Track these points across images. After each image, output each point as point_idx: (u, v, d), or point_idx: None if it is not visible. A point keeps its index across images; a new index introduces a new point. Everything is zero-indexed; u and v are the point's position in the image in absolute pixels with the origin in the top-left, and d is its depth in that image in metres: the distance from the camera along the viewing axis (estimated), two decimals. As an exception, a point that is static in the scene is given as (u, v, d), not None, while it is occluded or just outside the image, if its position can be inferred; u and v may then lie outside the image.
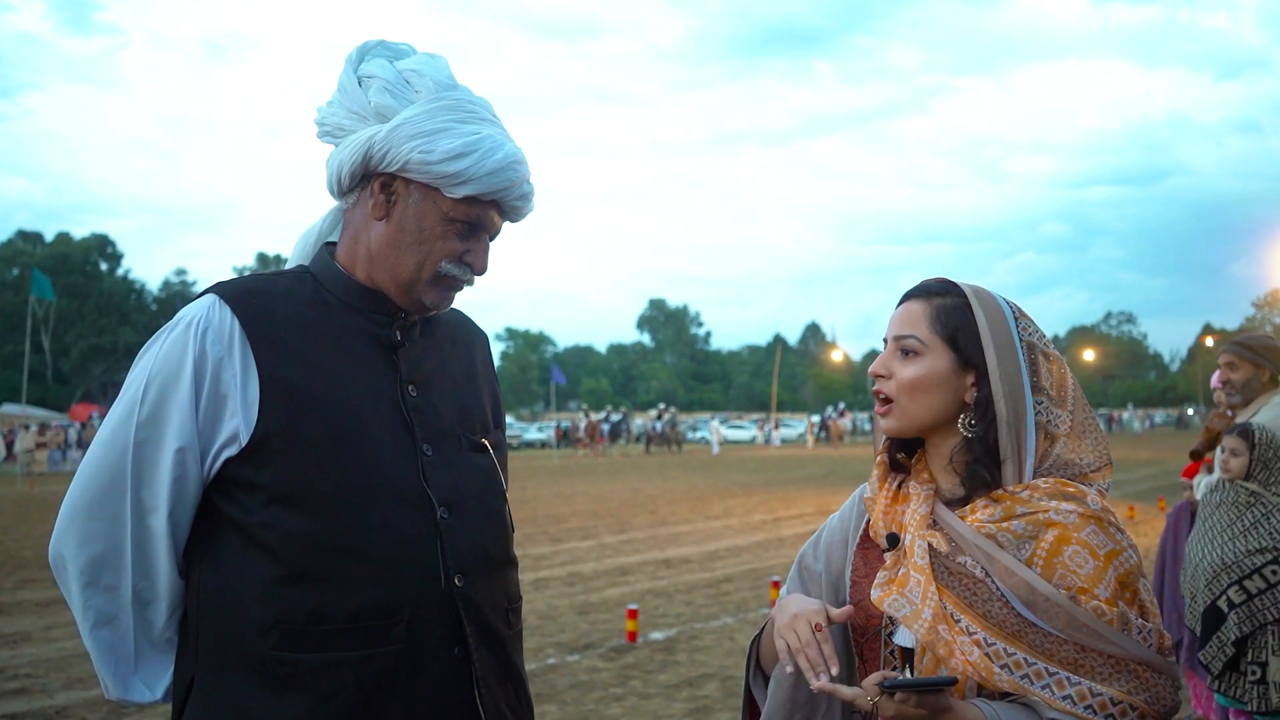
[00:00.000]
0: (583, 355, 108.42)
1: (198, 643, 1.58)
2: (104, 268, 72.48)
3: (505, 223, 1.71)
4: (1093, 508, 1.47)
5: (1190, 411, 70.53)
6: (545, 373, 71.52)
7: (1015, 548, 1.46)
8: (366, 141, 1.61)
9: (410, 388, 1.66)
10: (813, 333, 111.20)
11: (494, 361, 1.91)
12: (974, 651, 1.43)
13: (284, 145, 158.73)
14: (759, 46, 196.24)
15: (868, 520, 1.64)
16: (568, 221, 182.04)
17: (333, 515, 1.54)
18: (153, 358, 1.57)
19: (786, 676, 1.55)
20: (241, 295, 1.60)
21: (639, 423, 46.71)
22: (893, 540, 1.55)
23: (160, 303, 71.19)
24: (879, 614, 1.54)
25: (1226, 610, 3.53)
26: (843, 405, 55.70)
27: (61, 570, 1.60)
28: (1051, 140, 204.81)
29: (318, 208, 1.82)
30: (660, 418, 44.49)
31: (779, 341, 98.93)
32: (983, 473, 1.51)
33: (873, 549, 1.62)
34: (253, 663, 1.52)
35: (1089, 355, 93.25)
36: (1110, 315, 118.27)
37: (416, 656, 1.56)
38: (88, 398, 58.44)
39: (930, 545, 1.50)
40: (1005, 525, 1.46)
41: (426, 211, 1.62)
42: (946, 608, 1.46)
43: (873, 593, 1.53)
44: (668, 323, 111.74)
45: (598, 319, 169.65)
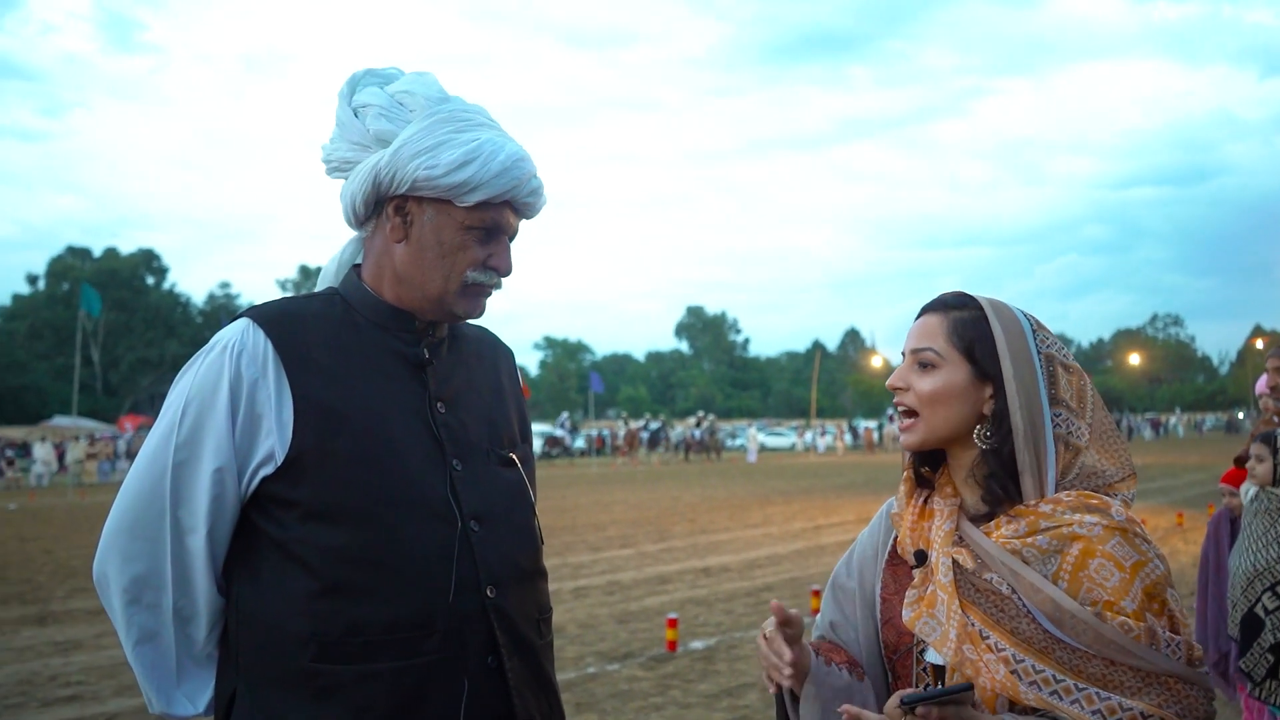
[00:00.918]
0: (621, 363, 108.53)
1: (238, 657, 1.61)
2: (150, 282, 73.90)
3: (522, 220, 1.74)
4: (1117, 519, 1.46)
5: (1240, 415, 69.08)
6: (584, 381, 71.65)
7: (1041, 563, 1.45)
8: (372, 169, 1.65)
9: (439, 404, 1.69)
10: (851, 338, 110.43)
11: (519, 378, 1.93)
12: (1000, 670, 1.43)
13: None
14: (792, 52, 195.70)
15: (895, 536, 1.64)
16: (603, 230, 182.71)
17: (367, 530, 1.57)
18: (190, 381, 1.61)
19: (813, 705, 1.56)
20: (274, 318, 1.64)
21: (678, 430, 46.59)
22: (920, 557, 1.55)
23: (205, 315, 72.41)
24: (910, 632, 1.54)
25: (1263, 616, 3.50)
26: (891, 414, 55.24)
27: (105, 589, 1.64)
28: (1092, 141, 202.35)
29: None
30: (699, 425, 44.39)
31: (818, 347, 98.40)
32: (997, 488, 1.51)
33: (901, 565, 1.62)
34: (292, 675, 1.55)
35: (1135, 359, 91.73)
36: (1156, 318, 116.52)
37: (451, 666, 1.58)
38: (136, 409, 59.55)
39: (955, 562, 1.50)
40: (1030, 541, 1.46)
41: (443, 225, 1.65)
42: (973, 624, 1.46)
43: (904, 613, 1.54)
44: (705, 330, 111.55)
45: (635, 327, 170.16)
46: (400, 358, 1.69)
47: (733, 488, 23.49)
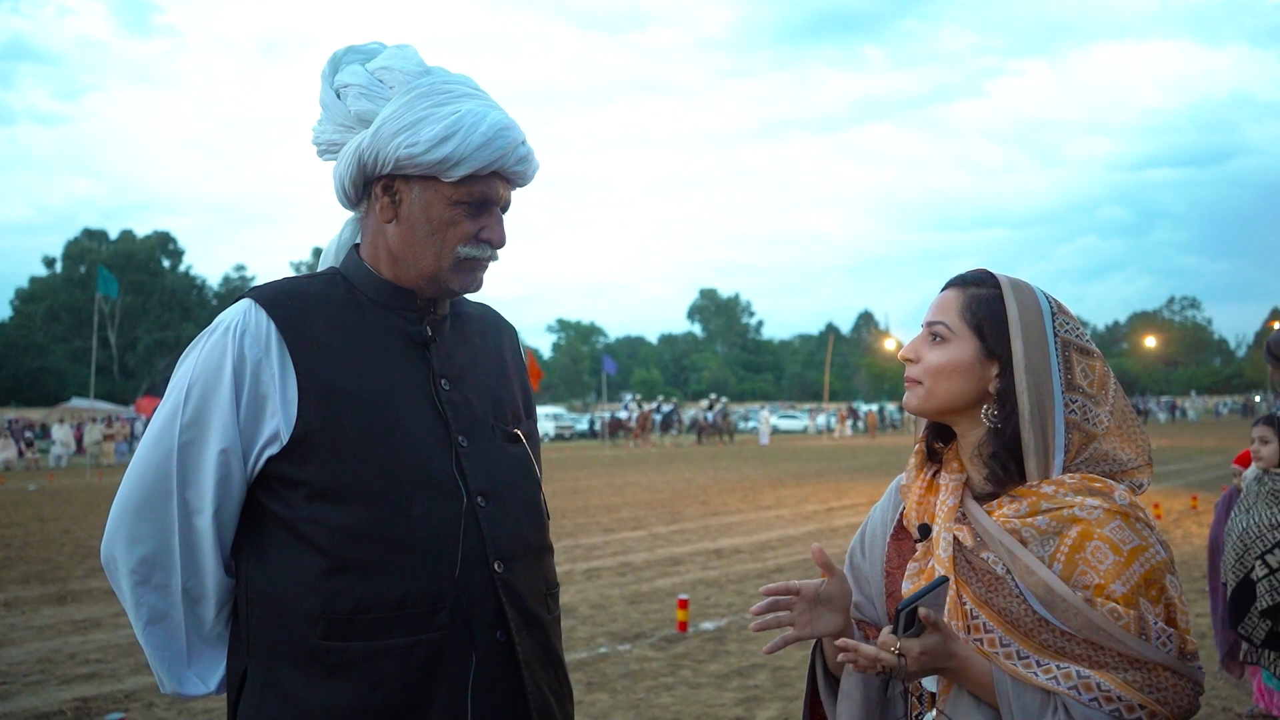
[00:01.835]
0: (634, 346, 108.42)
1: (248, 635, 1.63)
2: (166, 264, 74.20)
3: (515, 189, 1.72)
4: (1119, 503, 1.46)
5: (1258, 399, 68.55)
6: (596, 364, 71.61)
7: (1039, 544, 1.45)
8: (356, 150, 1.64)
9: (443, 381, 1.69)
10: (865, 321, 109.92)
11: (522, 354, 1.93)
12: (984, 644, 1.45)
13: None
14: (807, 33, 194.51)
15: (903, 509, 1.65)
16: (617, 212, 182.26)
17: (374, 508, 1.58)
18: (193, 363, 1.62)
19: (854, 689, 1.58)
20: (276, 299, 1.65)
21: (690, 413, 46.58)
22: (924, 531, 1.57)
23: (221, 298, 72.68)
24: None
25: (1255, 581, 3.53)
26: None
27: (113, 570, 1.66)
28: (1109, 122, 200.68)
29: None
30: (711, 408, 44.35)
31: (831, 330, 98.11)
32: (999, 468, 1.51)
33: (905, 539, 1.64)
34: (302, 653, 1.57)
35: (1151, 342, 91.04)
36: (1173, 300, 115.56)
37: (460, 642, 1.60)
38: (153, 391, 59.87)
39: (956, 539, 1.51)
40: (1030, 521, 1.46)
41: (431, 202, 1.64)
42: (964, 603, 1.47)
43: (904, 585, 1.57)
44: (719, 312, 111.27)
45: (649, 309, 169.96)
46: (403, 336, 1.69)
47: (745, 470, 23.50)
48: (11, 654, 6.60)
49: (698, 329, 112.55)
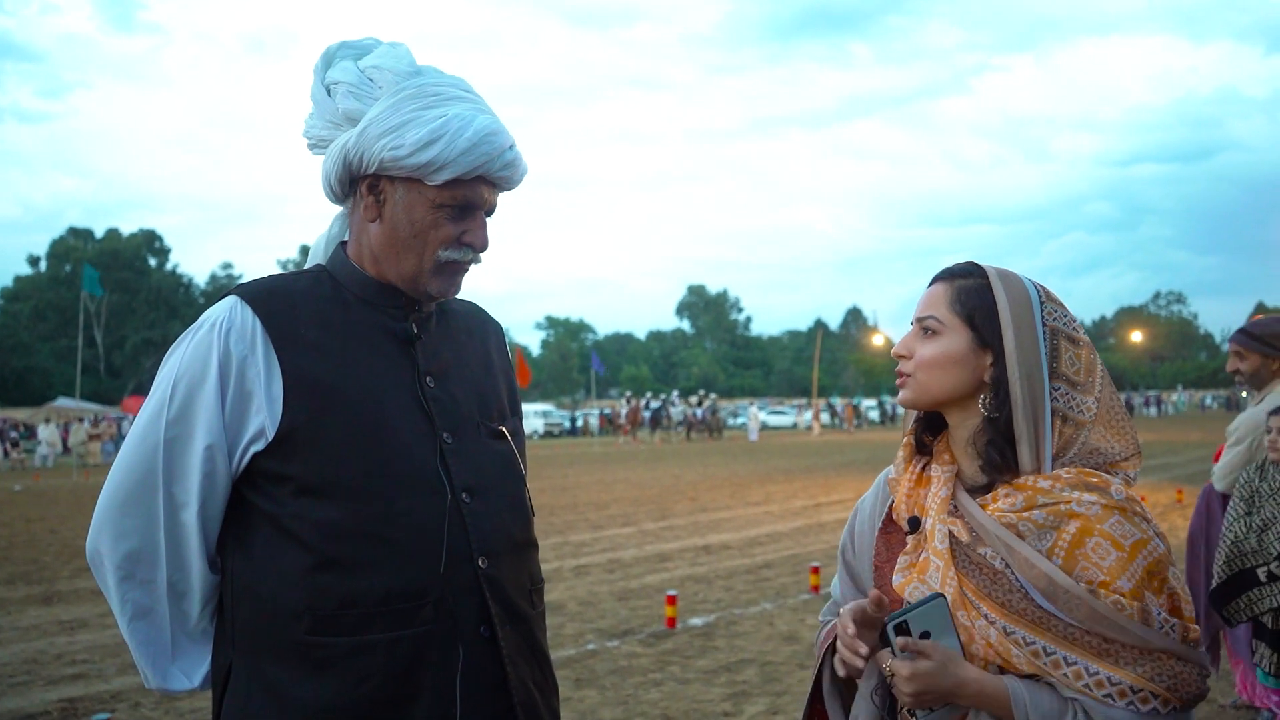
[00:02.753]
0: (623, 343, 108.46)
1: (233, 630, 1.63)
2: (153, 263, 73.92)
3: (501, 193, 1.72)
4: (1116, 498, 1.45)
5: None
6: (585, 361, 71.69)
7: (1036, 538, 1.45)
8: (341, 149, 1.64)
9: (428, 379, 1.70)
10: (854, 317, 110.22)
11: (508, 351, 1.94)
12: (992, 634, 1.44)
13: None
14: (795, 29, 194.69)
15: (891, 502, 1.65)
16: (606, 209, 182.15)
17: (359, 504, 1.58)
18: (179, 359, 1.62)
19: (869, 699, 1.58)
20: (262, 295, 1.65)
21: (678, 409, 46.61)
22: (914, 524, 1.56)
23: (208, 296, 72.40)
24: (900, 598, 1.55)
25: (1265, 580, 3.48)
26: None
27: (99, 565, 1.66)
28: (1096, 118, 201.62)
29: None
30: (701, 404, 44.38)
31: (820, 326, 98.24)
32: (995, 455, 1.51)
33: (895, 532, 1.63)
34: (287, 648, 1.57)
35: (1137, 336, 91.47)
36: (1159, 295, 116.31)
37: (445, 637, 1.60)
38: (139, 390, 59.53)
39: (951, 533, 1.51)
40: (1026, 515, 1.46)
41: (414, 204, 1.64)
42: (965, 594, 1.47)
43: (894, 578, 1.55)
44: (707, 309, 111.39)
45: (637, 306, 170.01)
46: (388, 333, 1.69)
47: (734, 466, 23.54)
48: (-3, 655, 6.57)
49: (686, 325, 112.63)
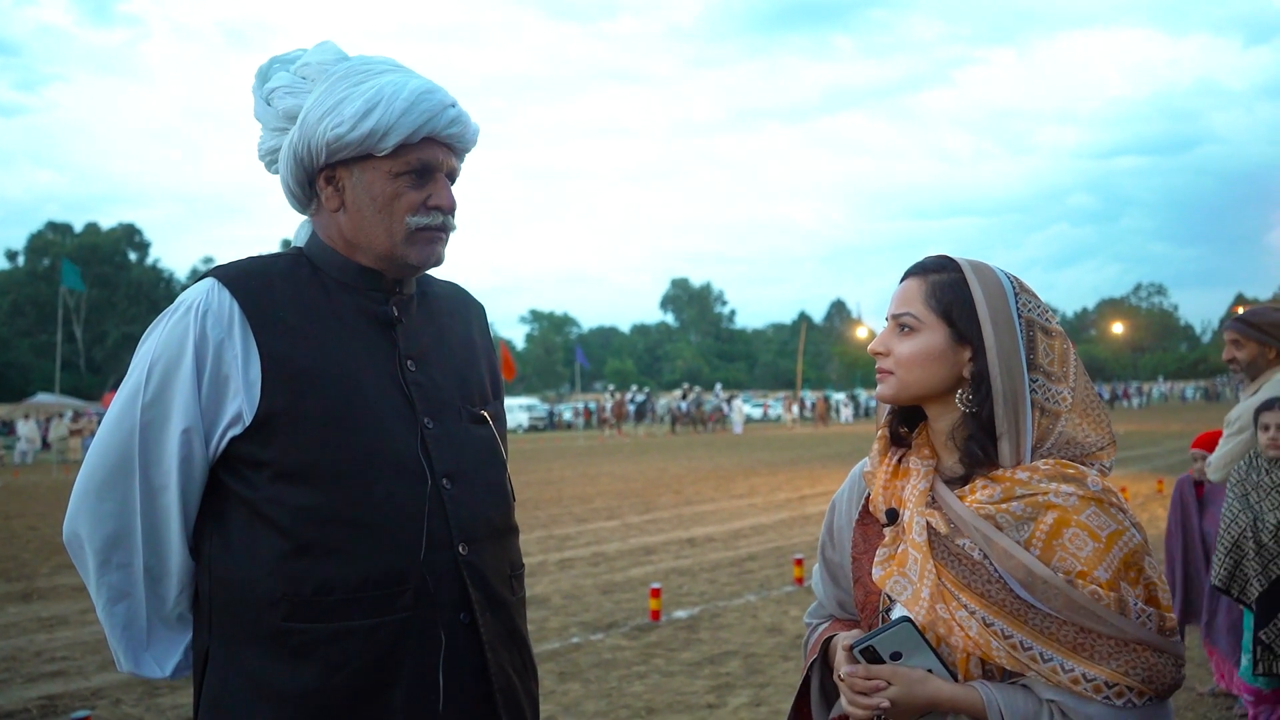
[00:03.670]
0: (607, 336, 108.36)
1: (210, 617, 1.62)
2: (133, 257, 73.30)
3: (456, 156, 1.71)
4: (1093, 489, 1.46)
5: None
6: (570, 355, 71.63)
7: (1014, 529, 1.45)
8: (289, 147, 1.65)
9: (409, 362, 1.69)
10: (838, 309, 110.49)
11: (490, 333, 1.92)
12: (973, 626, 1.44)
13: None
14: (777, 22, 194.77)
15: (867, 495, 1.65)
16: (589, 203, 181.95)
17: (338, 489, 1.57)
18: (155, 342, 1.61)
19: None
20: (239, 278, 1.63)
21: (663, 402, 46.66)
22: (892, 516, 1.56)
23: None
24: (878, 590, 1.55)
25: None
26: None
27: (77, 550, 1.65)
28: (1077, 110, 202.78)
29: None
30: (685, 397, 44.41)
31: (804, 319, 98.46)
32: (977, 449, 1.51)
33: (871, 524, 1.63)
34: (265, 634, 1.56)
35: (1118, 328, 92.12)
36: (1140, 287, 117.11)
37: (424, 623, 1.60)
38: (119, 385, 59.13)
39: (929, 524, 1.50)
40: (1004, 507, 1.46)
41: (372, 180, 1.64)
42: (945, 585, 1.47)
43: (873, 571, 1.55)
44: (691, 302, 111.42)
45: (621, 300, 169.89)
46: (368, 316, 1.68)
47: (718, 459, 23.57)
48: (-24, 651, 6.51)
49: (670, 319, 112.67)
